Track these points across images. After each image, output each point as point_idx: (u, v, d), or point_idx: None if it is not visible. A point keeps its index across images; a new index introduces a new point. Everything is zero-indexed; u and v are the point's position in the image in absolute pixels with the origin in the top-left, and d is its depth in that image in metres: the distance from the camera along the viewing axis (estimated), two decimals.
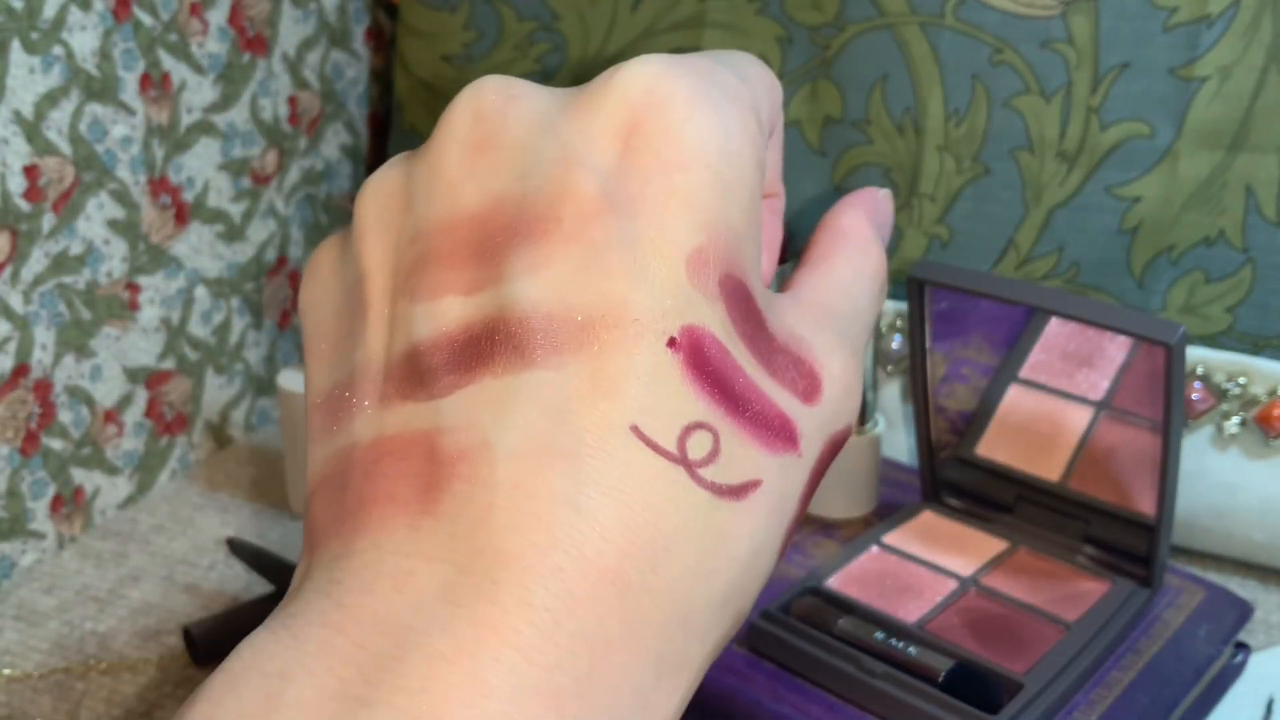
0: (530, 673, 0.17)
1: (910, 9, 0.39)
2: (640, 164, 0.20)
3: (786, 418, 0.21)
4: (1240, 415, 0.38)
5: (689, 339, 0.20)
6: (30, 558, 0.41)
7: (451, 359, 0.20)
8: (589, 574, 0.18)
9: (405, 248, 0.21)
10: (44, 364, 0.40)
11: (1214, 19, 0.36)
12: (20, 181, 0.38)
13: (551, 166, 0.20)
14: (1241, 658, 0.34)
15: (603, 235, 0.20)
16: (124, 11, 0.40)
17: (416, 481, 0.19)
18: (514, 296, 0.19)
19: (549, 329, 0.19)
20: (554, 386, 0.19)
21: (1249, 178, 0.37)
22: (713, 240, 0.20)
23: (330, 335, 0.22)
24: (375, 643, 0.18)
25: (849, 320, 0.24)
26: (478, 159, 0.21)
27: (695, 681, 0.20)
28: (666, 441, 0.19)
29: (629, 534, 0.19)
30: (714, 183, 0.21)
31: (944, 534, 0.36)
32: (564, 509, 0.18)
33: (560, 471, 0.19)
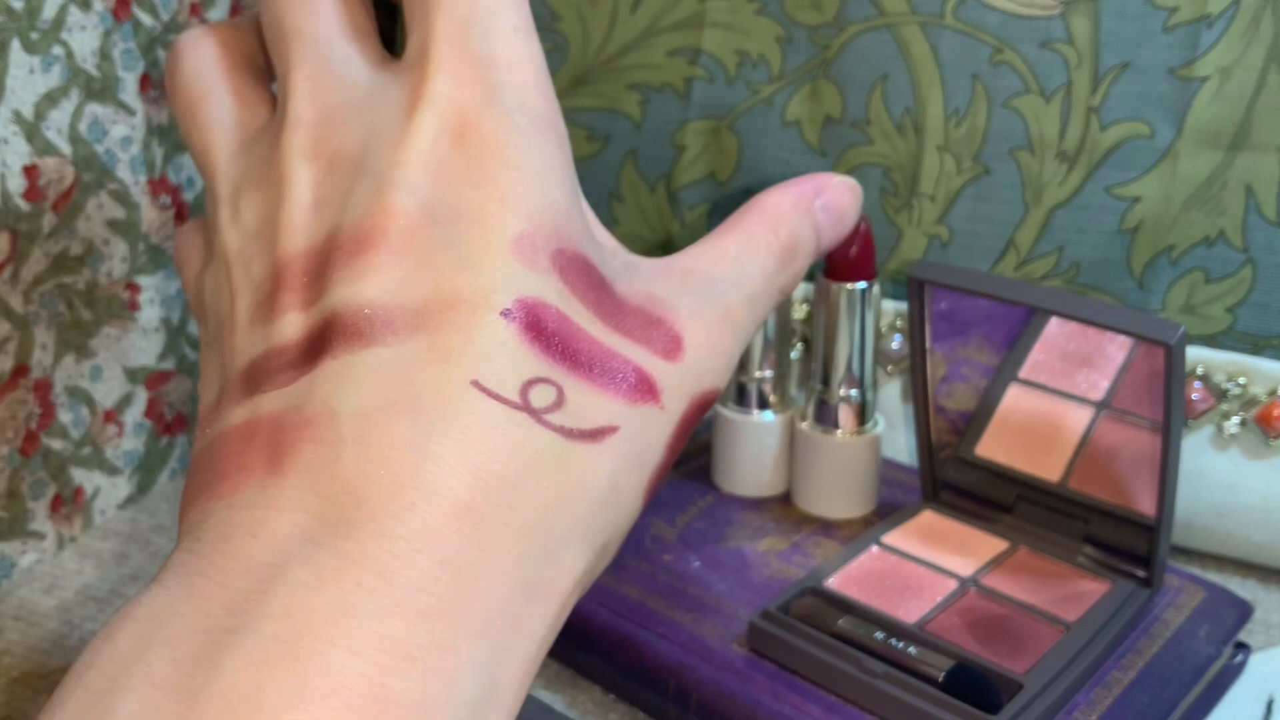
0: (393, 593, 0.19)
1: (910, 9, 0.39)
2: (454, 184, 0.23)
3: (643, 371, 0.23)
4: (1240, 415, 0.38)
5: (522, 308, 0.22)
6: (30, 558, 0.41)
7: (293, 360, 0.22)
8: (441, 508, 0.20)
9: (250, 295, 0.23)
10: (44, 364, 0.40)
11: (1214, 19, 0.36)
12: (20, 181, 0.38)
13: (374, 196, 0.22)
14: (1241, 658, 0.34)
15: (427, 242, 0.22)
16: (124, 11, 0.40)
17: (264, 452, 0.21)
18: (346, 298, 0.22)
19: (384, 317, 0.21)
20: (392, 359, 0.21)
21: (1249, 178, 0.37)
22: (535, 224, 0.22)
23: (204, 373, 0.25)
24: (237, 580, 0.19)
25: (722, 286, 0.25)
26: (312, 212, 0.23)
27: (565, 608, 0.21)
28: (508, 394, 0.21)
29: (477, 472, 0.20)
30: (526, 181, 0.23)
31: (944, 534, 0.37)
32: (410, 454, 0.20)
33: (403, 423, 0.20)
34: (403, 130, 0.23)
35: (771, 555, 0.37)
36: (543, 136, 0.24)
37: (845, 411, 0.38)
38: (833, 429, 0.39)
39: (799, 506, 0.40)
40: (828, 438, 0.39)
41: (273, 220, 0.23)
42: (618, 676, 0.34)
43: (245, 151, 0.25)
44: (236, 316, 0.23)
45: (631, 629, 0.33)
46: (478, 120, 0.23)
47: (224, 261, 0.24)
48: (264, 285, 0.23)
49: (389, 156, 0.23)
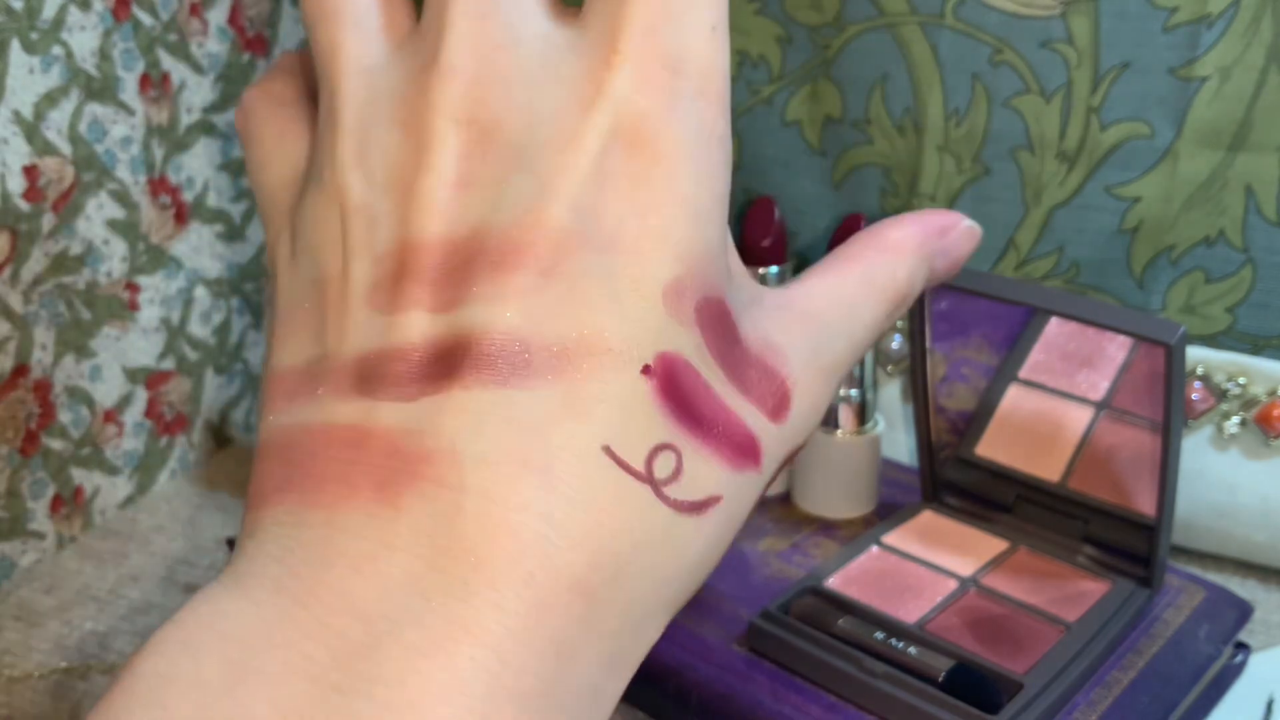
0: (504, 675, 0.18)
1: (910, 9, 0.39)
2: (615, 205, 0.21)
3: (752, 436, 0.21)
4: (1240, 415, 0.38)
5: (662, 365, 0.20)
6: (30, 558, 0.41)
7: (416, 369, 0.20)
8: (559, 583, 0.19)
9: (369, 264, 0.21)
10: (44, 364, 0.40)
11: (1214, 19, 0.36)
12: (20, 181, 0.38)
13: (531, 201, 0.20)
14: (1241, 658, 0.34)
15: (579, 269, 0.20)
16: (124, 11, 0.40)
17: (374, 473, 0.19)
18: (486, 319, 0.20)
19: (522, 353, 0.19)
20: (525, 406, 0.19)
21: (1249, 178, 0.37)
22: (689, 269, 0.21)
23: (290, 319, 0.22)
24: (340, 623, 0.18)
25: (836, 336, 0.24)
26: (456, 193, 0.21)
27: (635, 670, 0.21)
28: (635, 461, 0.20)
29: (597, 547, 0.19)
30: (689, 216, 0.21)
31: (944, 534, 0.37)
32: (536, 520, 0.19)
33: (532, 484, 0.19)
34: (574, 125, 0.21)
35: (771, 555, 0.37)
36: (719, 160, 0.22)
37: (845, 411, 0.38)
38: (833, 429, 0.39)
39: (799, 506, 0.40)
40: (828, 438, 0.39)
41: (408, 184, 0.21)
42: None
43: (381, 72, 0.22)
44: (351, 284, 0.21)
45: None
46: (654, 133, 0.21)
47: (339, 203, 0.22)
48: (388, 260, 0.21)
49: (553, 155, 0.21)
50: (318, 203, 0.22)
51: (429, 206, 0.21)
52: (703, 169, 0.21)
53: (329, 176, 0.22)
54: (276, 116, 0.25)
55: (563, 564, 0.19)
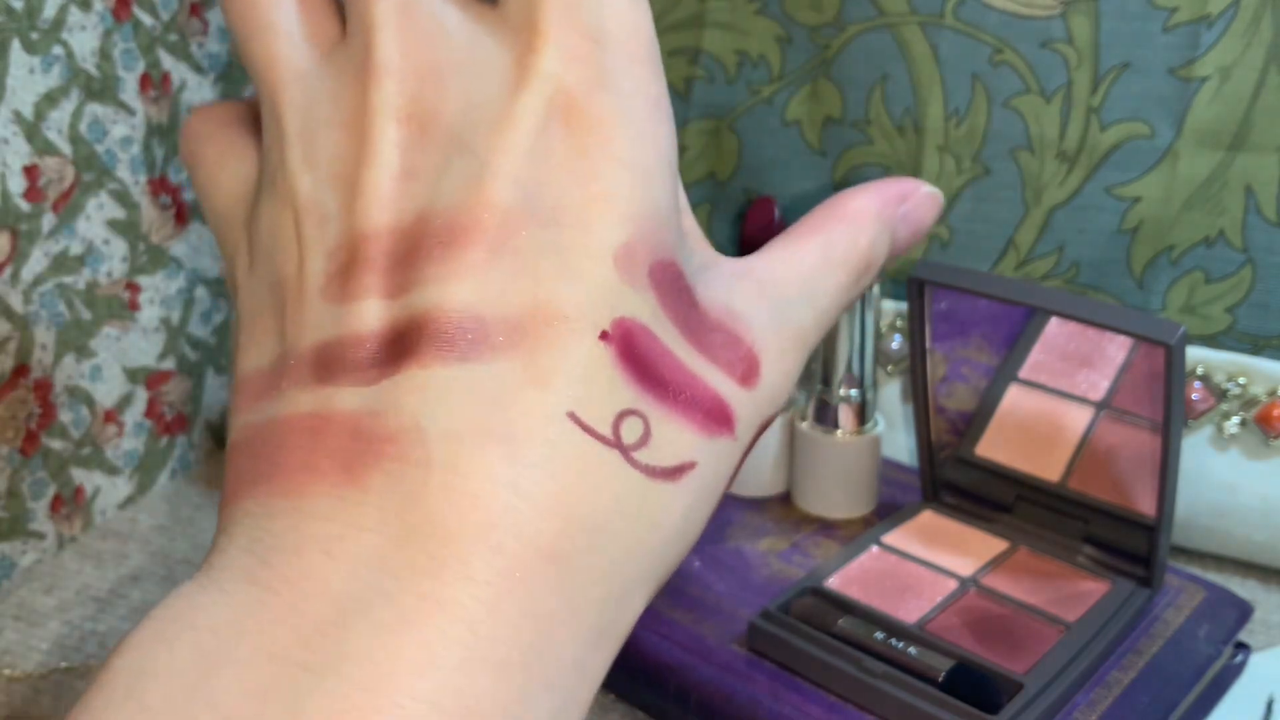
0: (477, 645, 0.18)
1: (910, 9, 0.39)
2: (557, 177, 0.21)
3: (723, 402, 0.21)
4: (1240, 415, 0.38)
5: (619, 330, 0.20)
6: (30, 558, 0.41)
7: (374, 353, 0.20)
8: (529, 552, 0.19)
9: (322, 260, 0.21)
10: (44, 364, 0.40)
11: (1214, 19, 0.36)
12: (20, 181, 0.38)
13: (473, 182, 0.21)
14: (1241, 658, 0.34)
15: (527, 242, 0.20)
16: (124, 11, 0.40)
17: (339, 456, 0.19)
18: (440, 298, 0.20)
19: (478, 327, 0.20)
20: (486, 378, 0.19)
21: (1249, 178, 0.37)
22: (639, 233, 0.21)
23: (251, 328, 0.22)
24: (310, 606, 0.18)
25: (798, 303, 0.24)
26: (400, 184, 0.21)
27: (620, 645, 0.21)
28: (601, 427, 0.20)
29: (567, 514, 0.19)
30: (633, 180, 0.21)
31: (944, 534, 0.36)
32: (503, 490, 0.19)
33: (497, 454, 0.19)
34: (507, 107, 0.21)
35: (771, 555, 0.37)
36: (658, 121, 0.22)
37: (845, 411, 0.38)
38: (833, 429, 0.39)
39: (799, 506, 0.40)
40: (828, 438, 0.39)
41: (354, 179, 0.21)
42: (618, 676, 0.34)
43: (317, 76, 0.23)
44: (306, 279, 0.21)
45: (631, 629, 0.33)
46: (587, 104, 0.21)
47: (290, 205, 0.22)
48: (339, 254, 0.21)
49: (490, 137, 0.21)
50: (272, 209, 0.23)
51: (375, 197, 0.21)
52: (642, 131, 0.21)
53: (280, 183, 0.22)
54: (217, 137, 0.25)
55: (532, 532, 0.19)
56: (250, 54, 0.24)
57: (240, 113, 0.26)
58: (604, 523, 0.19)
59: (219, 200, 0.25)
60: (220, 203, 0.25)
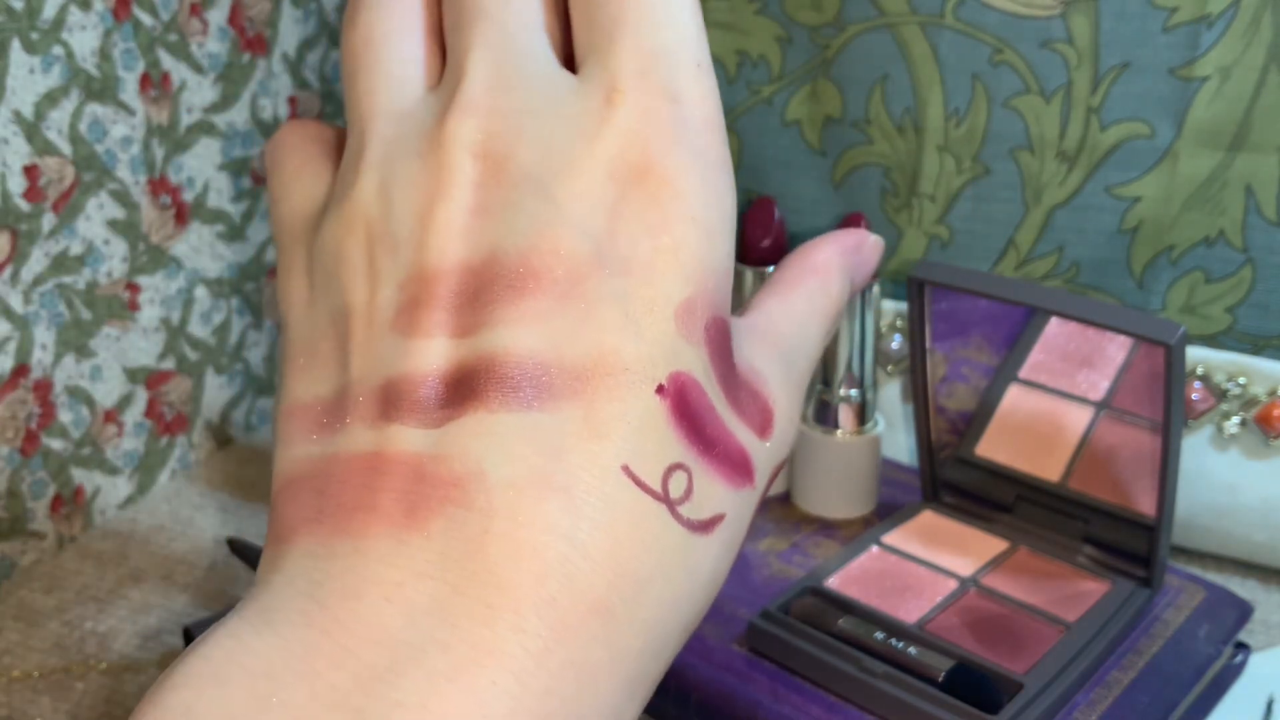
0: (525, 697, 0.18)
1: (910, 9, 0.39)
2: (628, 229, 0.21)
3: (746, 454, 0.22)
4: (1240, 415, 0.38)
5: (675, 385, 0.21)
6: (30, 558, 0.41)
7: (442, 393, 0.20)
8: (580, 605, 0.19)
9: (392, 290, 0.21)
10: (44, 364, 0.40)
11: (1214, 19, 0.36)
12: (20, 181, 0.38)
13: (545, 227, 0.21)
14: (1241, 658, 0.34)
15: (594, 292, 0.21)
16: (124, 11, 0.40)
17: (403, 499, 0.19)
18: (507, 342, 0.20)
19: (542, 375, 0.20)
20: (548, 427, 0.20)
21: (1249, 178, 0.37)
22: (699, 289, 0.22)
23: (309, 352, 0.22)
24: (367, 652, 0.18)
25: (797, 354, 0.25)
26: (472, 219, 0.21)
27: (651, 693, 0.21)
28: (653, 481, 0.20)
29: (618, 568, 0.20)
30: (699, 236, 0.22)
31: (944, 534, 0.36)
32: (559, 541, 0.19)
33: (555, 505, 0.19)
34: (583, 156, 0.22)
35: (771, 555, 0.37)
36: (722, 183, 0.23)
37: (845, 411, 0.38)
38: (833, 429, 0.39)
39: (799, 506, 0.40)
40: (828, 438, 0.39)
41: (427, 211, 0.22)
42: None
43: (408, 115, 0.23)
44: (376, 309, 0.21)
45: None
46: (661, 160, 0.22)
47: (363, 229, 0.22)
48: (409, 286, 0.21)
49: (564, 183, 0.21)
50: (339, 233, 0.23)
51: (446, 232, 0.21)
52: (710, 191, 0.22)
53: (350, 208, 0.23)
54: (301, 150, 0.26)
55: (584, 585, 0.19)
56: (352, 89, 0.24)
57: (331, 136, 0.26)
58: (649, 576, 0.20)
59: (285, 210, 0.25)
60: (286, 213, 0.25)
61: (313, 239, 0.24)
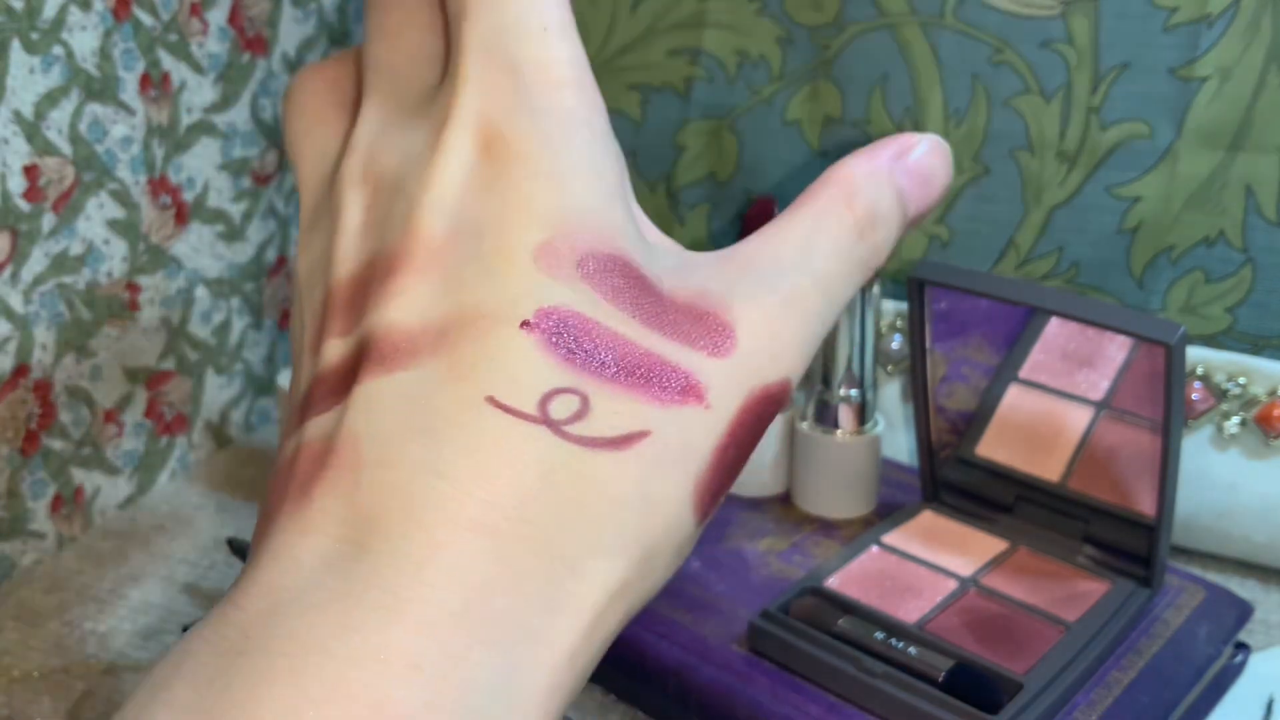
0: (397, 606, 0.19)
1: (910, 9, 0.39)
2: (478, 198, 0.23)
3: (681, 371, 0.22)
4: (1240, 415, 0.38)
5: (543, 317, 0.22)
6: (30, 558, 0.41)
7: (334, 385, 0.22)
8: (453, 524, 0.20)
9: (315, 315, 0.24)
10: (44, 364, 0.40)
11: (1214, 19, 0.36)
12: (20, 181, 0.38)
13: (405, 221, 0.23)
14: (1241, 658, 0.34)
15: (452, 258, 0.22)
16: (124, 11, 0.40)
17: (300, 480, 0.21)
18: (375, 323, 0.22)
19: (407, 341, 0.22)
20: (412, 382, 0.21)
21: (1249, 178, 0.37)
22: (560, 231, 0.22)
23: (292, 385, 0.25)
24: (252, 603, 0.20)
25: (790, 271, 0.24)
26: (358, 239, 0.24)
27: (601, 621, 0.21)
28: (526, 407, 0.21)
29: (490, 487, 0.20)
30: (549, 186, 0.23)
31: (944, 534, 0.37)
32: (423, 474, 0.20)
33: (418, 444, 0.20)
34: (432, 148, 0.23)
35: (771, 555, 0.37)
36: (572, 134, 0.23)
37: (845, 411, 0.38)
38: (833, 429, 0.39)
39: (799, 506, 0.40)
40: (828, 438, 0.39)
41: (328, 249, 0.24)
42: (618, 677, 0.34)
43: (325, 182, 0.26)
44: (303, 345, 0.24)
45: (632, 629, 0.33)
46: (503, 129, 0.23)
47: (297, 291, 0.25)
48: (319, 313, 0.24)
49: (419, 177, 0.23)
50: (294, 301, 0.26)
51: (339, 256, 0.24)
52: (564, 146, 0.23)
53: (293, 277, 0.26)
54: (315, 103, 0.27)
55: (454, 507, 0.20)
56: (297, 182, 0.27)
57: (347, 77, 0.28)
58: (535, 493, 0.20)
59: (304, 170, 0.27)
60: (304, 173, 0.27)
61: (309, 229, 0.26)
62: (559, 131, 0.23)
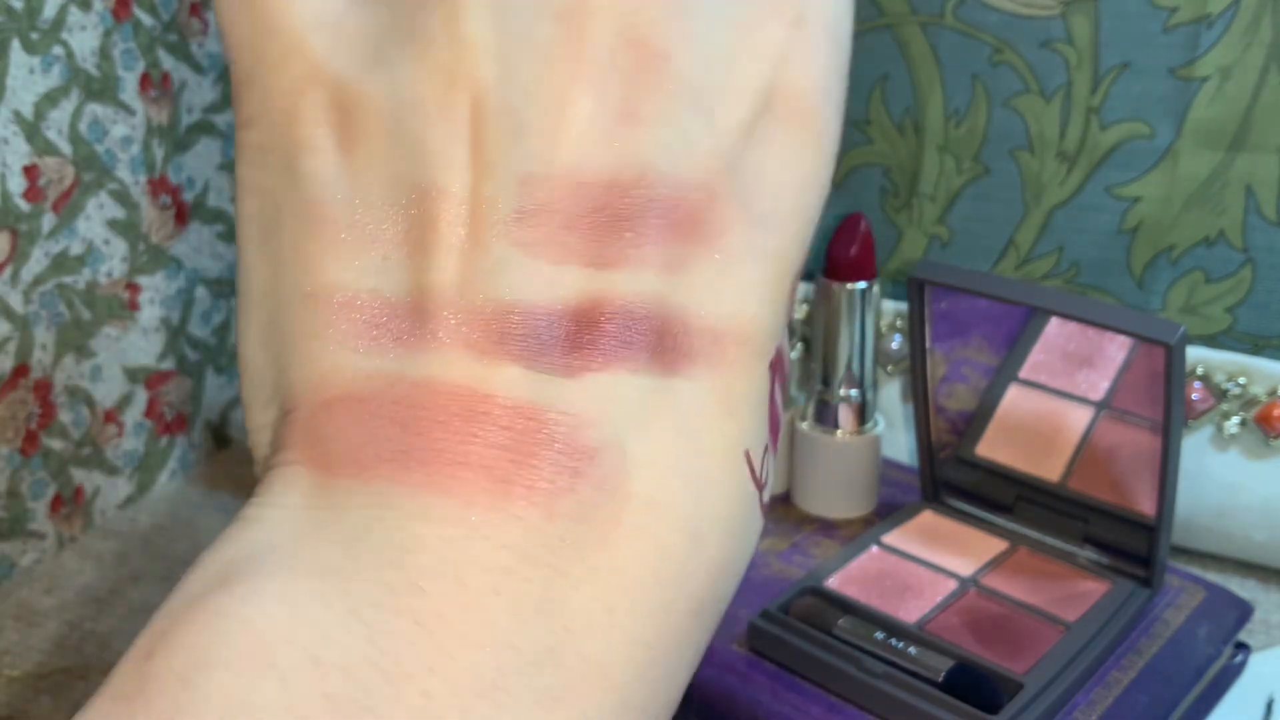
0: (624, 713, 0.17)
1: (910, 9, 0.39)
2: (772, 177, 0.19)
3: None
4: (1240, 415, 0.38)
5: (776, 361, 0.20)
6: (30, 558, 0.41)
7: (571, 335, 0.17)
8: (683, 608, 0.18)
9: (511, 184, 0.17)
10: (44, 364, 0.40)
11: (1214, 19, 0.36)
12: (20, 181, 0.38)
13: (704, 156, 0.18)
14: (1241, 658, 0.34)
15: (739, 245, 0.18)
16: (124, 11, 0.40)
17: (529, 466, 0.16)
18: (650, 291, 0.17)
19: (686, 334, 0.18)
20: (687, 397, 0.18)
21: (1249, 178, 0.37)
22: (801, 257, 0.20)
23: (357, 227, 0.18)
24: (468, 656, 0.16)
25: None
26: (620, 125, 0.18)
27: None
28: (758, 466, 0.19)
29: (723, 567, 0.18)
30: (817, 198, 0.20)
31: (944, 534, 0.36)
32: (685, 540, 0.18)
33: (687, 495, 0.18)
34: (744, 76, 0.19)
35: (771, 555, 0.37)
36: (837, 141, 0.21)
37: (845, 411, 0.38)
38: (833, 429, 0.39)
39: (799, 506, 0.40)
40: (828, 438, 0.39)
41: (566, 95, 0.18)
42: None
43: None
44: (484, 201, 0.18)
45: None
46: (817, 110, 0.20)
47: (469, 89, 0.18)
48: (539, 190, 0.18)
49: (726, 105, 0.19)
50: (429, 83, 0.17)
51: (591, 131, 0.17)
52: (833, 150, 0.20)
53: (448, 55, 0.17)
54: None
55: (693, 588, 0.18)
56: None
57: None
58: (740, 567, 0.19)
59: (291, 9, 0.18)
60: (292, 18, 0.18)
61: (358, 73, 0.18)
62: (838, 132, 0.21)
